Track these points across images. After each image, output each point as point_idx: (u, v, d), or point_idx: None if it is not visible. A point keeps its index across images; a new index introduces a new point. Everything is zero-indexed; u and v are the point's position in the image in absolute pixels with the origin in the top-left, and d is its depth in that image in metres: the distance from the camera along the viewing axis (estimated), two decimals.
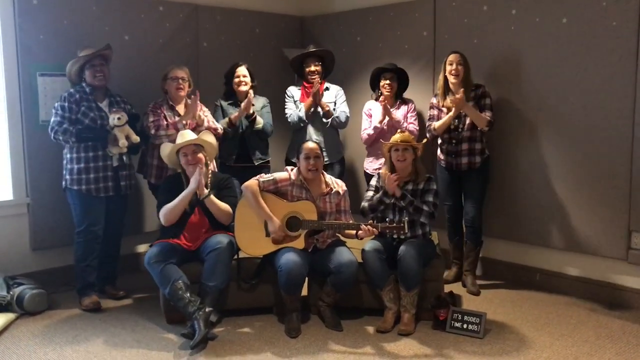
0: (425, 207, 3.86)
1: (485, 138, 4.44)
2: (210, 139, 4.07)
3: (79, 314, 4.07)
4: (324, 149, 4.61)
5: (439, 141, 4.55)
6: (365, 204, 3.98)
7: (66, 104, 4.02)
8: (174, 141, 4.01)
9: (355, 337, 3.68)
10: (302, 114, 4.74)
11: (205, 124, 4.32)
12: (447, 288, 4.26)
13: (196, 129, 4.23)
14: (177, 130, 4.13)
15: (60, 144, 4.12)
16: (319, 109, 4.77)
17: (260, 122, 4.62)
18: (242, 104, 4.54)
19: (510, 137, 4.55)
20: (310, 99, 4.71)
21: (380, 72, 4.69)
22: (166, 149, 4.01)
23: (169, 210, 3.84)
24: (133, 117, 4.20)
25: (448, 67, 4.36)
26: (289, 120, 4.84)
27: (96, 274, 4.25)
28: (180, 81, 4.30)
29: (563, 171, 4.32)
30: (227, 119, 4.55)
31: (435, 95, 4.55)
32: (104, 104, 4.16)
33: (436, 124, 4.44)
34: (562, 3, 4.20)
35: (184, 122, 4.20)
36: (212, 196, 3.87)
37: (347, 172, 5.18)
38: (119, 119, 4.02)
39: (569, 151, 4.27)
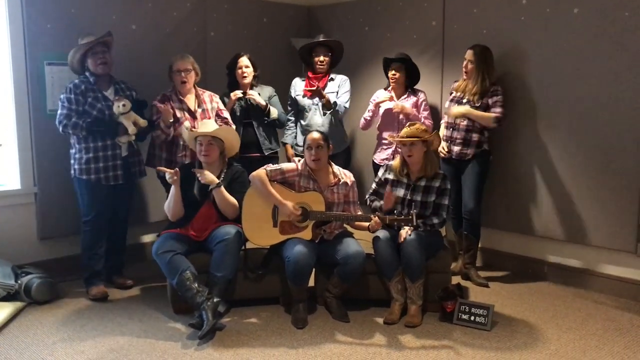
0: (435, 220, 3.85)
1: (487, 132, 4.41)
2: (228, 134, 4.00)
3: (87, 303, 4.08)
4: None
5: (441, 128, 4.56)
6: (371, 203, 4.01)
7: (72, 96, 4.01)
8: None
9: (361, 328, 3.68)
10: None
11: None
12: (455, 280, 4.26)
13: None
14: (162, 131, 4.19)
15: (68, 134, 4.11)
16: (319, 100, 4.74)
17: (274, 112, 4.61)
18: (231, 96, 4.56)
19: (518, 128, 4.52)
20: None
21: (387, 62, 4.66)
22: (185, 134, 4.07)
23: (168, 206, 3.88)
24: (140, 104, 4.19)
25: (464, 62, 4.36)
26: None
27: (103, 263, 4.27)
28: (184, 74, 4.26)
29: (572, 163, 4.29)
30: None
31: (456, 81, 4.54)
32: (109, 93, 4.14)
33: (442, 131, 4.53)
34: None
35: (166, 122, 4.18)
36: (222, 188, 3.85)
37: (353, 162, 5.16)
38: (123, 105, 4.01)
39: (578, 143, 4.24)
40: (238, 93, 4.54)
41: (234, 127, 4.37)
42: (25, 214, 4.40)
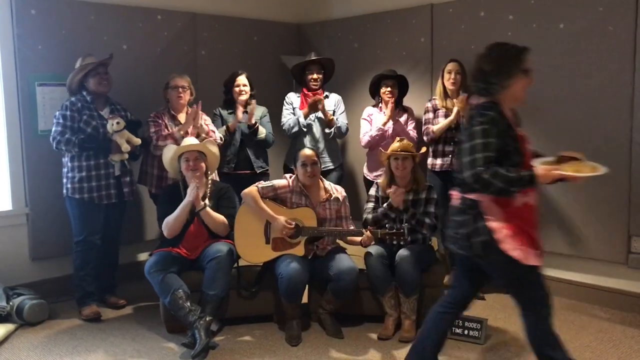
0: (427, 220, 3.86)
1: None
2: (215, 149, 4.04)
3: (79, 324, 4.06)
4: (322, 156, 4.64)
5: (432, 145, 4.56)
6: (368, 216, 3.97)
7: (67, 113, 4.02)
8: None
9: (356, 344, 3.67)
10: (302, 119, 4.73)
11: (206, 132, 4.32)
12: None
13: (198, 137, 4.22)
14: (175, 141, 4.13)
15: (60, 153, 4.12)
16: (321, 116, 4.76)
17: (262, 132, 4.62)
18: (241, 112, 4.54)
19: None
20: (306, 109, 4.70)
21: (380, 79, 4.69)
22: (169, 152, 3.97)
23: (170, 223, 3.82)
24: (135, 124, 4.20)
25: (446, 75, 4.41)
26: (284, 127, 4.82)
27: (95, 283, 4.25)
28: (181, 90, 4.30)
29: None
30: (224, 127, 4.55)
31: (431, 100, 4.57)
32: (105, 112, 4.16)
33: (434, 128, 4.45)
34: (559, 9, 4.21)
35: (182, 132, 4.19)
36: (207, 208, 3.84)
37: (346, 178, 5.18)
38: (117, 123, 4.01)
39: None
40: (242, 118, 4.53)
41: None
42: (16, 235, 4.38)
